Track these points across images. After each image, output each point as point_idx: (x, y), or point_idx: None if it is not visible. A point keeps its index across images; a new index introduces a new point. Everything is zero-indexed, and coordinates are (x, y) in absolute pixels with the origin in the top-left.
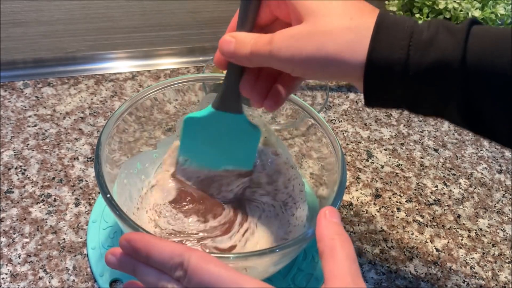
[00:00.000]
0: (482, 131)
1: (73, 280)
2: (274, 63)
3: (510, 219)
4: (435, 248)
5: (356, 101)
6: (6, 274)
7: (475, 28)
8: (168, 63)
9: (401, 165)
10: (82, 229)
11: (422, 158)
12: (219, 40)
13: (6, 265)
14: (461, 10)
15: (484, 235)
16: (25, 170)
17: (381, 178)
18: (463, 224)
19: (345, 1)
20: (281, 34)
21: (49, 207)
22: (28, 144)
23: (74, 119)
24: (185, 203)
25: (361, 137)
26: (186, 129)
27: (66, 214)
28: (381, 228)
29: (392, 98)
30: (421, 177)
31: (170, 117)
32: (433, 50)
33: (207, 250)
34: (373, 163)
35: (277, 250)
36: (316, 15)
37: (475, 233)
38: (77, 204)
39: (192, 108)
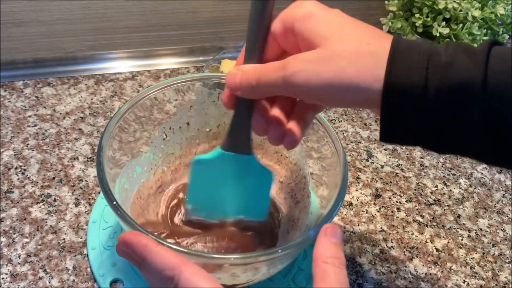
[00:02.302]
0: (507, 162)
1: (73, 280)
2: (287, 89)
3: (510, 219)
4: (435, 248)
5: None
6: (6, 274)
7: (495, 49)
8: (168, 63)
9: (401, 165)
10: (82, 229)
11: (422, 158)
12: (226, 75)
13: (6, 265)
14: (460, 10)
15: (484, 235)
16: (25, 170)
17: (381, 178)
18: (463, 224)
19: (357, 27)
20: (296, 58)
21: (49, 207)
22: (28, 144)
23: (74, 119)
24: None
25: (361, 137)
26: (195, 172)
27: (66, 214)
28: (381, 228)
29: (411, 131)
30: (421, 177)
31: (170, 117)
32: (453, 73)
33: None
34: (373, 163)
35: (280, 251)
36: (332, 40)
37: (475, 233)
38: (77, 204)
39: (196, 108)
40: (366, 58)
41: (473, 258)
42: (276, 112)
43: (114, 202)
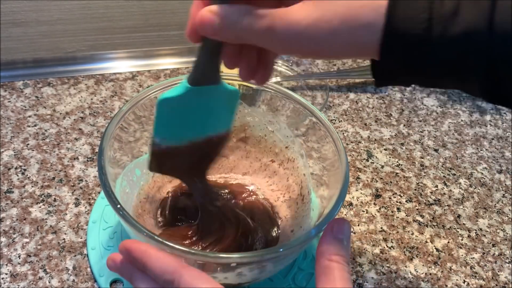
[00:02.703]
0: (504, 103)
1: (73, 280)
2: (274, 50)
3: (510, 219)
4: (435, 248)
5: (356, 101)
6: (6, 274)
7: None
8: (168, 63)
9: (401, 165)
10: (82, 229)
11: (422, 158)
12: (193, 14)
13: (6, 265)
14: None
15: (484, 235)
16: (25, 170)
17: (381, 178)
18: (463, 224)
19: None
20: (282, 21)
21: (49, 207)
22: (28, 144)
23: (74, 119)
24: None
25: (361, 137)
26: (161, 111)
27: (66, 214)
28: (381, 228)
29: (407, 73)
30: (421, 177)
31: None
32: (457, 23)
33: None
34: (373, 163)
35: (281, 250)
36: None
37: (475, 233)
38: (77, 204)
39: None
40: (361, 10)
41: (473, 258)
42: (246, 48)
43: (118, 206)
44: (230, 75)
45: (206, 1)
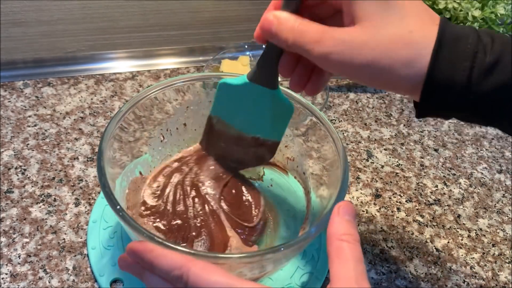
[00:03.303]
0: None
1: (73, 280)
2: (319, 63)
3: (510, 219)
4: (435, 248)
5: (356, 101)
6: (6, 274)
7: None
8: (168, 63)
9: (401, 165)
10: (82, 229)
11: (422, 158)
12: (262, 16)
13: (6, 265)
14: (461, 10)
15: (484, 235)
16: (25, 170)
17: (381, 178)
18: (463, 224)
19: (406, 8)
20: (333, 38)
21: (49, 207)
22: (28, 144)
23: (74, 119)
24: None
25: (361, 137)
26: (220, 94)
27: (66, 214)
28: (381, 228)
29: (445, 113)
30: (421, 177)
31: (170, 117)
32: (497, 74)
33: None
34: (373, 163)
35: (282, 249)
36: (374, 21)
37: (475, 233)
38: (77, 204)
39: (193, 109)
40: (405, 49)
41: (473, 258)
42: (304, 59)
43: (118, 207)
44: None
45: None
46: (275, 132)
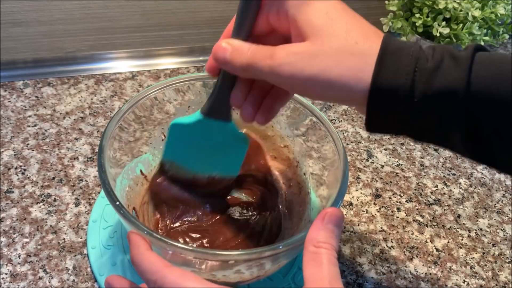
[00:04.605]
0: (484, 159)
1: (73, 280)
2: (272, 79)
3: (510, 219)
4: (435, 248)
5: None
6: (6, 274)
7: (479, 55)
8: (168, 63)
9: (401, 165)
10: (82, 229)
11: (422, 158)
12: (214, 46)
13: (6, 265)
14: (461, 10)
15: (484, 235)
16: (25, 170)
17: (381, 178)
18: (463, 224)
19: (350, 22)
20: (284, 50)
21: (49, 207)
22: (28, 144)
23: (74, 119)
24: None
25: (361, 137)
26: (172, 135)
27: (66, 214)
28: (381, 228)
29: (395, 125)
30: (421, 177)
31: (170, 117)
32: (438, 77)
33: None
34: (373, 163)
35: (280, 247)
36: (322, 35)
37: (475, 233)
38: (77, 204)
39: (194, 108)
40: (351, 58)
41: (473, 258)
42: (256, 88)
43: (117, 203)
44: None
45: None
46: (232, 168)
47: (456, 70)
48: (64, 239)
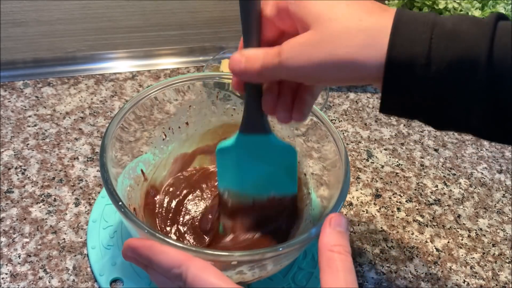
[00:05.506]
0: (502, 137)
1: (73, 280)
2: (285, 74)
3: (510, 219)
4: (435, 248)
5: (356, 101)
6: (6, 274)
7: (501, 23)
8: (168, 63)
9: (401, 165)
10: (82, 229)
11: (422, 158)
12: (229, 60)
13: (6, 265)
14: (461, 10)
15: (484, 235)
16: (25, 170)
17: (381, 178)
18: (463, 224)
19: (350, 4)
20: (288, 44)
21: (49, 207)
22: (28, 144)
23: (74, 119)
24: None
25: (361, 137)
26: (220, 161)
27: (66, 214)
28: (381, 228)
29: (411, 103)
30: (421, 177)
31: (170, 117)
32: (458, 42)
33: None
34: (373, 163)
35: (281, 249)
36: (323, 20)
37: (475, 233)
38: (77, 204)
39: (195, 108)
40: (358, 35)
41: (473, 258)
42: (283, 90)
43: (120, 203)
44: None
45: None
46: (288, 183)
47: (477, 35)
48: (64, 239)
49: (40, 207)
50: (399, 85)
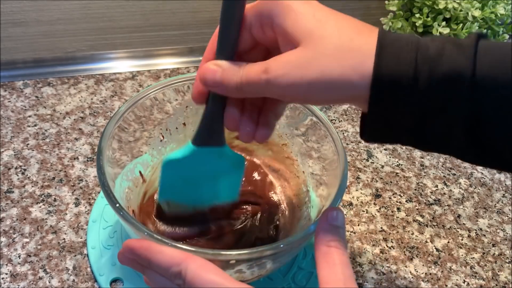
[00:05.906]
0: (483, 157)
1: (73, 280)
2: (271, 92)
3: (510, 219)
4: (435, 248)
5: None
6: (6, 274)
7: (482, 43)
8: (168, 63)
9: (401, 165)
10: (82, 229)
11: (422, 158)
12: (199, 70)
13: (6, 265)
14: (461, 10)
15: (484, 235)
16: (25, 170)
17: (381, 178)
18: (463, 224)
19: (340, 21)
20: (277, 61)
21: (49, 207)
22: (28, 144)
23: (74, 119)
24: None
25: None
26: (166, 172)
27: (66, 214)
28: (381, 228)
29: (397, 121)
30: (421, 177)
31: (170, 116)
32: (442, 64)
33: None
34: (373, 163)
35: (281, 246)
36: (313, 38)
37: (475, 233)
38: (77, 204)
39: (192, 108)
40: (350, 55)
41: (473, 258)
42: (248, 106)
43: (117, 205)
44: None
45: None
46: (231, 192)
47: (460, 57)
48: (64, 239)
49: (40, 207)
50: (384, 105)
